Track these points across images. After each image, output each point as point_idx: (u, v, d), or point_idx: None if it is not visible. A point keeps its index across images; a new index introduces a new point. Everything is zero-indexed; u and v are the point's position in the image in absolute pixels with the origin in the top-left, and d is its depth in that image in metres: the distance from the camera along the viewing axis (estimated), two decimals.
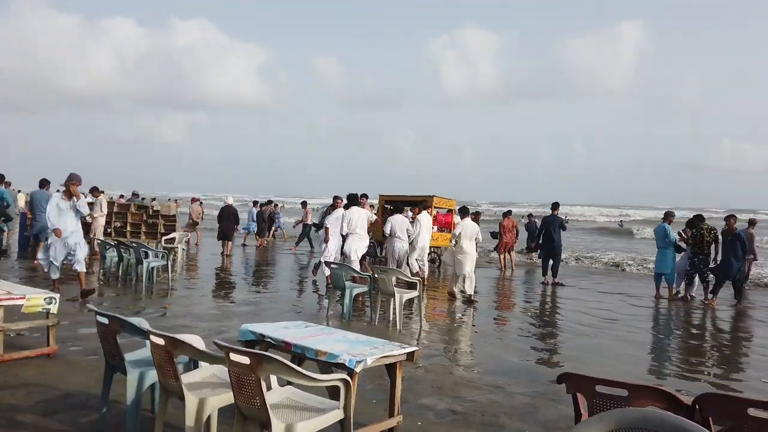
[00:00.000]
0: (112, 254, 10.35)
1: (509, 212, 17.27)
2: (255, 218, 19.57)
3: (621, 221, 38.87)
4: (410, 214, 16.42)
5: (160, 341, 2.93)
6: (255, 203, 21.07)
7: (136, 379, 3.26)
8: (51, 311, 5.08)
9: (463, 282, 9.48)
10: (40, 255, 8.17)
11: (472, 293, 9.51)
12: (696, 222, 10.83)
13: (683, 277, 11.14)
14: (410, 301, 7.73)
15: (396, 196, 16.36)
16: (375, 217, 10.72)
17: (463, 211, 10.44)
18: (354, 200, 9.75)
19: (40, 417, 3.70)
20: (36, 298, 4.97)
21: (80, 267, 8.07)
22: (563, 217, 12.87)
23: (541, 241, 12.84)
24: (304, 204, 20.23)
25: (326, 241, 9.87)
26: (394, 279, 7.24)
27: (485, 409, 4.26)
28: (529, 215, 19.27)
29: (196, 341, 3.21)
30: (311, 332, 4.01)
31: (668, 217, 11.08)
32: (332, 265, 7.75)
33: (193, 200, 20.92)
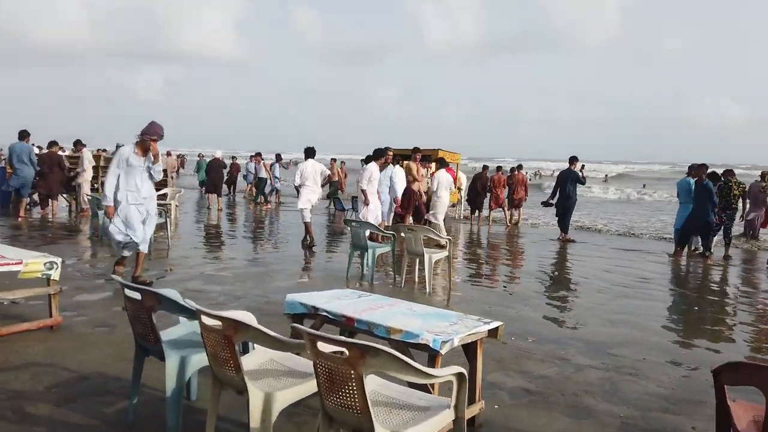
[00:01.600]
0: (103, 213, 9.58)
1: (495, 168, 16.43)
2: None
3: (583, 166, 38.68)
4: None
5: (216, 323, 2.32)
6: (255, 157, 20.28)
7: (177, 365, 2.66)
8: (52, 277, 4.42)
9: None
10: (113, 229, 5.93)
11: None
12: (725, 175, 10.39)
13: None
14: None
15: (402, 149, 15.65)
16: (328, 171, 10.88)
17: (441, 162, 11.44)
18: (310, 153, 9.94)
19: (54, 407, 3.09)
20: (35, 263, 4.30)
21: (144, 248, 6.14)
22: (580, 171, 12.33)
23: (557, 198, 12.32)
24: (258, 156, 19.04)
25: (366, 203, 9.16)
26: (422, 238, 6.66)
27: (562, 387, 3.76)
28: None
29: (252, 320, 2.61)
30: (371, 303, 3.43)
31: (692, 171, 10.61)
32: (353, 223, 7.12)
33: (168, 154, 20.02)
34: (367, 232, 7.14)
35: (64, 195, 13.44)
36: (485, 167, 15.98)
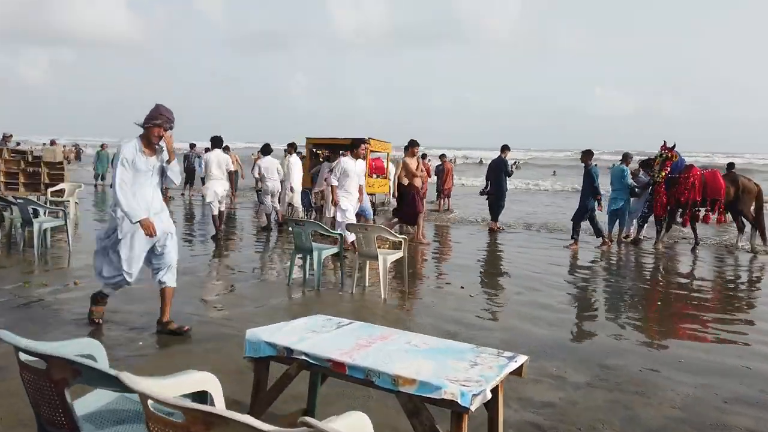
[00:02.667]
0: None
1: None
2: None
3: (516, 162, 39.80)
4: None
5: (176, 412, 1.50)
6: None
7: None
8: None
9: None
10: (102, 258, 4.47)
11: None
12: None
13: (636, 220, 10.96)
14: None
15: (325, 138, 14.80)
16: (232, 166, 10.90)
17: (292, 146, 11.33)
18: (217, 142, 9.77)
19: None
20: None
21: (171, 280, 4.52)
22: (512, 167, 12.15)
23: (489, 187, 12.06)
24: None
25: (335, 203, 8.13)
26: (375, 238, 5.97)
27: (575, 418, 3.23)
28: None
29: (217, 388, 1.81)
30: (358, 337, 2.70)
31: (626, 159, 10.68)
32: (295, 224, 6.29)
33: (52, 143, 18.07)
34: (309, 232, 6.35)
35: None
36: (423, 156, 15.49)
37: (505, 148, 12.07)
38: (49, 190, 11.54)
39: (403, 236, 6.08)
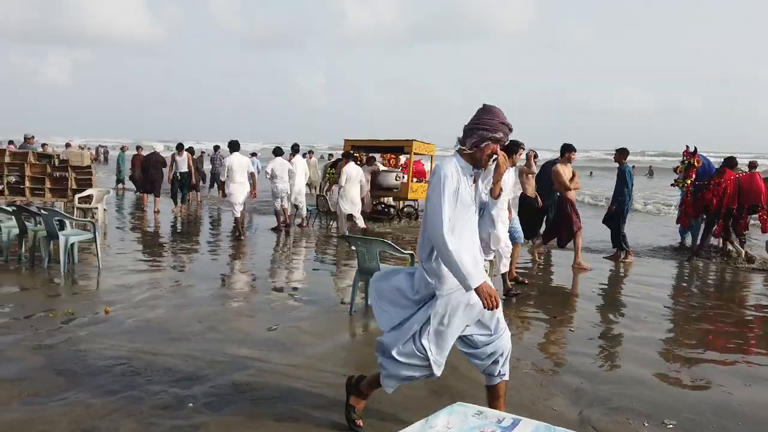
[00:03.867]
0: (9, 225, 7.30)
1: None
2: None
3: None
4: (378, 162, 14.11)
5: None
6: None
7: None
8: None
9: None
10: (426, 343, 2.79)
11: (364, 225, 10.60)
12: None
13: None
14: None
15: (365, 140, 13.90)
16: (253, 168, 10.60)
17: (347, 156, 10.68)
18: (235, 146, 9.97)
19: None
20: None
21: (507, 369, 3.00)
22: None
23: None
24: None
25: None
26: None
27: None
28: None
29: None
30: None
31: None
32: (360, 241, 5.36)
33: (67, 145, 17.28)
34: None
35: None
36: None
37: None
38: (77, 196, 10.85)
39: (410, 251, 5.17)
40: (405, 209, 13.61)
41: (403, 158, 15.88)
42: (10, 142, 15.64)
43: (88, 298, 5.65)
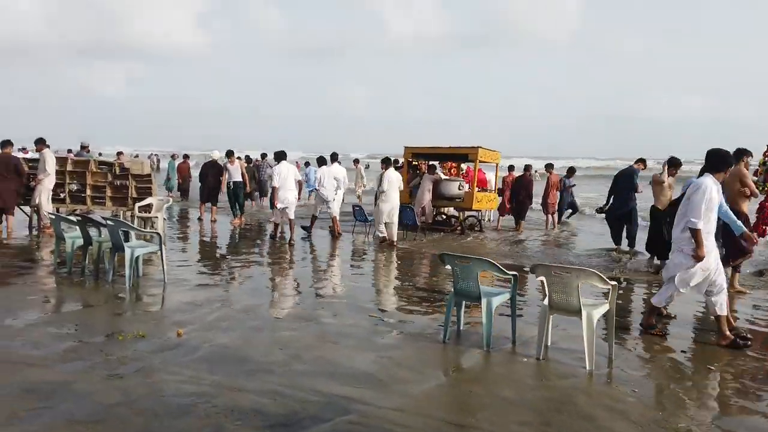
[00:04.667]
0: (73, 235, 7.02)
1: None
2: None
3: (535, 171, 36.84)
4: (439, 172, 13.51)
5: None
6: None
7: None
8: None
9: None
10: None
11: (395, 240, 10.60)
12: None
13: None
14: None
15: (426, 148, 13.32)
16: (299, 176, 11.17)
17: (386, 162, 10.94)
18: (282, 155, 10.73)
19: None
20: None
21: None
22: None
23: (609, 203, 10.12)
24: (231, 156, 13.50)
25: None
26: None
27: None
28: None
29: None
30: None
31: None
32: (457, 259, 4.74)
33: (118, 154, 16.83)
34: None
35: (21, 207, 10.76)
36: (527, 167, 13.74)
37: (640, 162, 10.07)
38: (137, 205, 10.65)
39: (614, 281, 4.41)
40: (468, 220, 12.93)
41: (464, 166, 15.22)
42: (69, 151, 15.75)
43: (157, 317, 5.24)
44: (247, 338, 4.67)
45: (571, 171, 15.00)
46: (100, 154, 19.20)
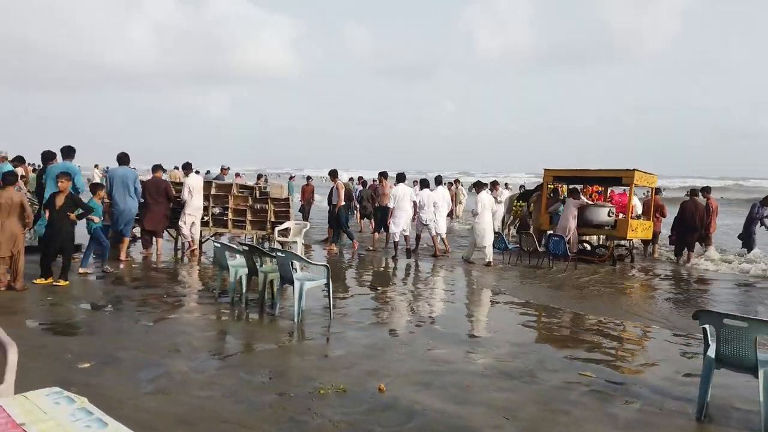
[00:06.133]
0: (236, 264, 6.80)
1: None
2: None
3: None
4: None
5: None
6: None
7: None
8: None
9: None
10: None
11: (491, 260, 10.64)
12: None
13: None
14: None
15: (570, 170, 12.32)
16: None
17: (479, 185, 11.25)
18: (401, 178, 11.69)
19: None
20: None
21: None
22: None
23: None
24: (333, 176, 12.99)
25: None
26: None
27: None
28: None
29: None
30: None
31: None
32: (726, 321, 3.86)
33: (222, 170, 16.05)
34: None
35: (169, 230, 10.99)
36: (693, 191, 12.26)
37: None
38: (277, 229, 10.52)
39: None
40: (617, 249, 11.69)
41: (609, 190, 13.98)
42: (207, 172, 16.16)
43: (346, 364, 4.73)
44: (457, 399, 4.03)
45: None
46: (208, 172, 19.34)
